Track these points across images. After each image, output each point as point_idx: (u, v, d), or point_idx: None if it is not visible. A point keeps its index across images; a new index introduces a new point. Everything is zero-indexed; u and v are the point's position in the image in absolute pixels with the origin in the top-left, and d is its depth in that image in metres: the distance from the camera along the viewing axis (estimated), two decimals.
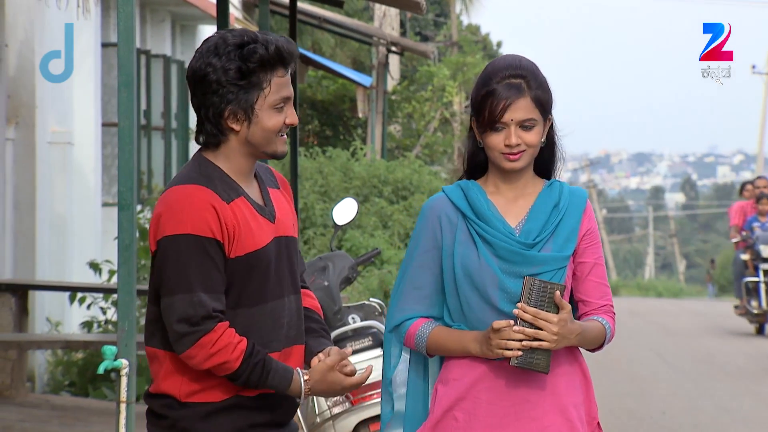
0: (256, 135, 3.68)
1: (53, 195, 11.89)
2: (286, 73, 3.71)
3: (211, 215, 3.61)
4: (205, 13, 16.22)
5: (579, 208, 3.93)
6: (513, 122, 3.84)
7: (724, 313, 22.20)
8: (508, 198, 3.94)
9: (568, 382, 3.90)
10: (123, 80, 5.44)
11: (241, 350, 3.62)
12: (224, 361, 3.61)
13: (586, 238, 3.93)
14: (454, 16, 33.96)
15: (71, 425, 8.91)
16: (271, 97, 3.68)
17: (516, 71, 3.86)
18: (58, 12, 9.97)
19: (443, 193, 3.96)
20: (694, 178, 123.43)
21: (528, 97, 3.84)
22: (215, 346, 3.60)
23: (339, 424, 6.40)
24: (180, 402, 3.69)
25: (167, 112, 15.92)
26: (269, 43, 3.66)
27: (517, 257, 3.84)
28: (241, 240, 3.65)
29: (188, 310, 3.59)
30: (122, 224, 5.43)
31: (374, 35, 20.71)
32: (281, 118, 3.70)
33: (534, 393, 3.86)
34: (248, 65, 3.64)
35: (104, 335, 10.16)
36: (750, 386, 13.16)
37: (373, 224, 14.08)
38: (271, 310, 3.73)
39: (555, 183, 3.97)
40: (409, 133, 23.90)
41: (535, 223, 3.89)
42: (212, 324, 3.60)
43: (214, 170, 3.69)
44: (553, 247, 3.87)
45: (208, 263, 3.61)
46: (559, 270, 3.86)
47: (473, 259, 3.86)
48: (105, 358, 5.30)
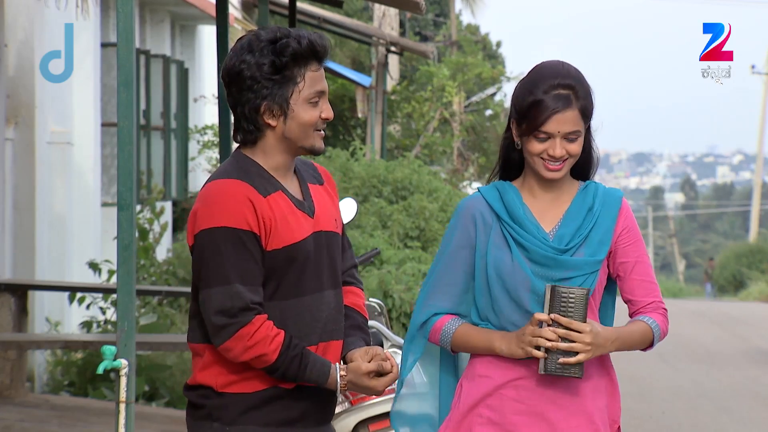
0: (292, 130, 3.70)
1: (53, 195, 11.89)
2: (320, 67, 3.73)
3: (248, 208, 3.63)
4: (205, 13, 16.23)
5: (613, 209, 3.90)
6: (559, 134, 3.82)
7: (724, 313, 22.22)
8: (543, 202, 3.92)
9: (595, 385, 3.89)
10: (122, 80, 5.44)
11: (279, 343, 3.63)
12: (262, 353, 3.62)
13: (623, 237, 3.91)
14: (454, 16, 33.96)
15: (71, 425, 8.91)
16: (306, 91, 3.69)
17: (565, 81, 3.82)
18: (58, 12, 9.97)
19: (479, 194, 3.95)
20: (693, 178, 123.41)
21: (576, 110, 3.81)
22: (253, 338, 3.61)
23: (339, 424, 6.40)
24: (217, 392, 3.71)
25: (167, 112, 15.92)
26: (302, 37, 3.69)
27: (550, 261, 3.83)
28: (278, 233, 3.66)
29: (225, 302, 3.60)
30: (122, 224, 5.42)
31: (374, 35, 20.71)
32: (317, 113, 3.72)
33: (560, 394, 3.85)
34: (281, 59, 3.66)
35: (104, 335, 10.15)
36: (749, 386, 13.17)
37: (373, 224, 14.08)
38: (309, 304, 3.73)
39: (590, 185, 3.94)
40: (408, 133, 23.89)
41: (568, 227, 3.87)
42: (250, 316, 3.61)
43: (251, 165, 3.71)
44: (585, 252, 3.86)
45: (245, 255, 3.62)
46: (591, 274, 3.85)
47: (507, 262, 3.85)
48: (104, 358, 5.30)
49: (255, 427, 3.71)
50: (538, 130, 3.81)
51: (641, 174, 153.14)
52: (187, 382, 3.79)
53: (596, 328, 3.75)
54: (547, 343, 3.73)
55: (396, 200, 15.22)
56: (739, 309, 26.02)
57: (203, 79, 17.98)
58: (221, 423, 3.71)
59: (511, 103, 3.94)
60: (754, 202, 49.96)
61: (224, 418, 3.70)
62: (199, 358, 3.75)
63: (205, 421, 3.73)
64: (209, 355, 3.72)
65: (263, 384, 3.71)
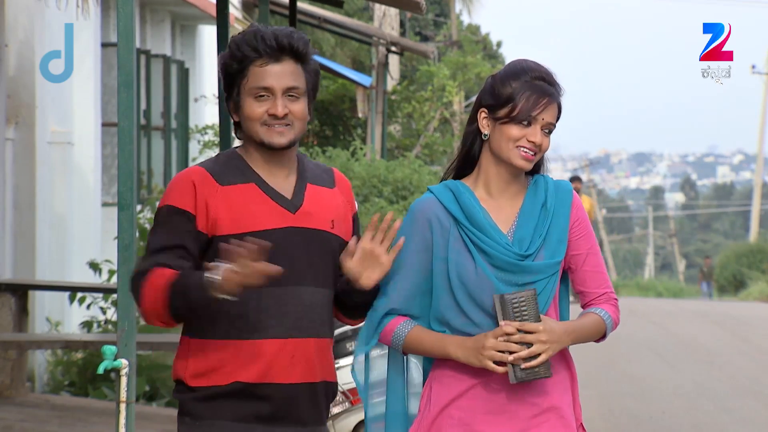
0: (245, 125, 3.78)
1: (53, 195, 11.89)
2: (269, 63, 3.75)
3: (188, 189, 3.72)
4: (205, 13, 16.22)
5: (566, 203, 3.91)
6: (542, 121, 3.85)
7: (725, 313, 22.22)
8: (498, 201, 3.91)
9: (559, 383, 3.89)
10: (123, 80, 5.44)
11: (171, 272, 3.64)
12: (150, 300, 3.63)
13: (575, 230, 3.92)
14: (454, 16, 33.97)
15: (71, 425, 8.92)
16: (249, 85, 3.74)
17: (549, 78, 3.88)
18: (58, 12, 9.97)
19: (432, 195, 3.93)
20: (693, 178, 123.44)
21: (556, 105, 3.87)
22: (148, 280, 3.65)
23: (339, 424, 6.40)
24: (187, 386, 3.71)
25: (167, 112, 15.92)
26: (249, 31, 3.77)
27: (513, 267, 3.83)
28: (232, 219, 3.69)
29: (140, 265, 3.72)
30: (122, 224, 5.43)
31: (374, 35, 20.71)
32: (262, 108, 3.75)
33: (530, 392, 3.85)
34: (232, 53, 3.76)
35: (104, 335, 10.16)
36: (750, 386, 13.17)
37: None
38: (276, 294, 3.70)
39: (539, 179, 3.95)
40: (408, 133, 23.90)
41: (525, 228, 3.87)
42: (147, 273, 3.66)
43: (232, 158, 3.81)
44: (545, 254, 3.86)
45: (176, 229, 3.69)
46: (553, 275, 3.86)
47: (470, 268, 3.83)
48: (105, 357, 5.30)
49: (223, 421, 3.68)
50: (528, 113, 3.83)
51: (641, 174, 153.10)
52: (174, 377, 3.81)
53: (550, 325, 3.75)
54: (509, 357, 3.73)
55: (396, 200, 15.23)
56: (739, 309, 26.00)
57: (203, 79, 17.98)
58: (191, 418, 3.71)
59: (483, 92, 3.94)
60: (755, 202, 49.95)
61: (193, 412, 3.70)
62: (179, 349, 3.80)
63: (182, 416, 3.74)
64: (182, 345, 3.76)
65: (226, 379, 3.68)
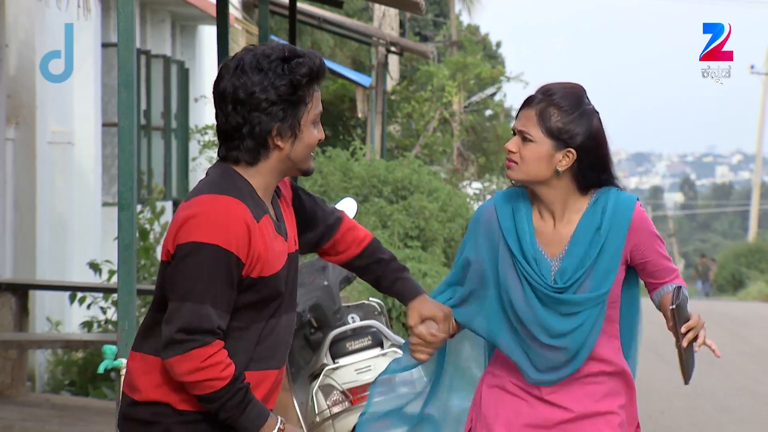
0: (298, 152, 3.60)
1: (53, 195, 11.90)
2: (320, 88, 3.66)
3: (243, 232, 3.50)
4: (205, 14, 16.23)
5: (623, 227, 3.85)
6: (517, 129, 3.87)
7: (724, 313, 22.21)
8: (551, 222, 3.89)
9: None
10: (123, 80, 5.45)
11: (231, 372, 3.50)
12: (212, 377, 3.48)
13: (637, 249, 3.89)
14: (454, 17, 33.97)
15: (71, 424, 8.92)
16: (313, 112, 3.61)
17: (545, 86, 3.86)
18: (59, 12, 9.97)
19: (492, 204, 3.94)
20: (692, 178, 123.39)
21: (533, 110, 3.82)
22: (208, 360, 3.47)
23: (338, 424, 6.41)
24: (175, 409, 3.59)
25: (167, 112, 15.93)
26: (314, 56, 3.60)
27: (551, 300, 3.84)
28: (264, 261, 3.56)
29: (193, 320, 3.46)
30: (122, 224, 5.44)
31: (374, 35, 20.71)
32: (317, 134, 3.64)
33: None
34: (297, 79, 3.55)
35: (104, 335, 10.16)
36: (749, 385, 13.18)
37: (373, 224, 14.09)
38: (283, 324, 3.67)
39: (602, 197, 3.88)
40: (408, 133, 23.91)
41: (573, 257, 3.83)
42: (211, 339, 3.48)
43: (245, 186, 3.58)
44: (591, 285, 3.83)
45: (226, 279, 3.49)
46: (597, 306, 3.85)
47: (518, 294, 3.87)
48: (105, 357, 5.32)
49: None
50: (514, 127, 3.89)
51: (641, 174, 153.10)
52: (135, 398, 3.63)
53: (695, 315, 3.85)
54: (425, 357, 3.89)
55: (396, 200, 15.23)
56: (738, 309, 26.01)
57: (204, 79, 17.98)
58: None
59: None
60: (753, 202, 49.95)
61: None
62: (149, 371, 3.61)
63: None
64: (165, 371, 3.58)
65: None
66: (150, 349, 3.62)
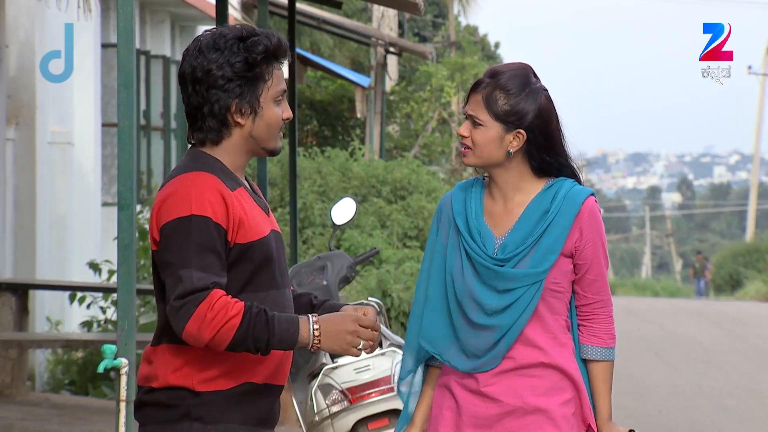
0: (260, 129, 3.67)
1: (53, 195, 11.92)
2: (282, 66, 3.72)
3: (218, 199, 3.57)
4: (205, 14, 16.26)
5: (570, 214, 3.86)
6: (467, 114, 3.89)
7: (722, 312, 22.25)
8: (501, 203, 3.92)
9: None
10: (123, 80, 5.47)
11: (240, 307, 3.51)
12: (225, 320, 3.49)
13: (580, 241, 3.86)
14: (452, 17, 33.99)
15: (71, 424, 8.95)
16: (273, 90, 3.67)
17: (493, 69, 3.88)
18: (58, 12, 10.00)
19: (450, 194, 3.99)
20: (690, 178, 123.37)
21: (480, 95, 3.85)
22: (213, 309, 3.49)
23: (338, 423, 6.42)
24: (194, 392, 3.61)
25: (167, 112, 15.96)
26: (271, 35, 3.67)
27: (490, 273, 3.83)
28: (246, 227, 3.60)
29: (187, 285, 3.50)
30: (122, 224, 5.45)
31: (373, 36, 20.74)
32: (280, 112, 3.69)
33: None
34: (253, 56, 3.62)
35: (104, 334, 10.18)
36: (746, 384, 13.21)
37: (372, 224, 14.12)
38: (277, 298, 3.69)
39: (555, 184, 3.91)
40: (407, 133, 23.94)
41: (517, 234, 3.85)
42: (205, 293, 3.51)
43: (214, 162, 3.65)
44: (530, 262, 3.83)
45: (210, 245, 3.54)
46: (534, 284, 3.83)
47: (458, 268, 3.89)
48: (105, 356, 5.33)
49: (235, 425, 3.63)
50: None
51: (638, 174, 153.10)
52: (152, 386, 3.65)
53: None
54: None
55: (395, 200, 15.26)
56: (736, 308, 26.04)
57: None
58: (201, 422, 3.61)
59: None
60: (751, 202, 49.98)
61: (205, 416, 3.60)
62: (167, 360, 3.63)
63: (183, 421, 3.61)
64: (185, 354, 3.62)
65: (236, 380, 3.63)
66: (168, 339, 3.65)
